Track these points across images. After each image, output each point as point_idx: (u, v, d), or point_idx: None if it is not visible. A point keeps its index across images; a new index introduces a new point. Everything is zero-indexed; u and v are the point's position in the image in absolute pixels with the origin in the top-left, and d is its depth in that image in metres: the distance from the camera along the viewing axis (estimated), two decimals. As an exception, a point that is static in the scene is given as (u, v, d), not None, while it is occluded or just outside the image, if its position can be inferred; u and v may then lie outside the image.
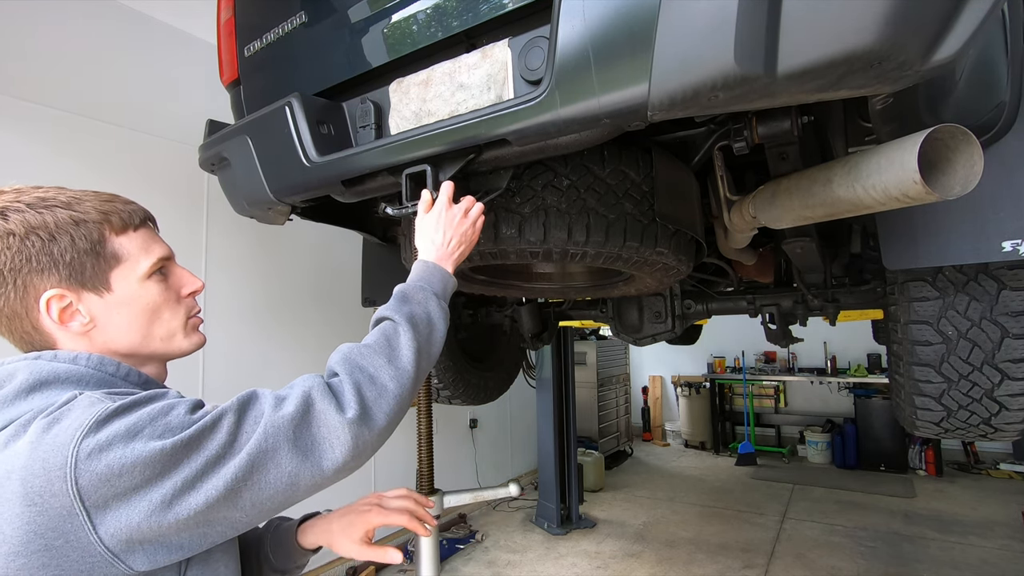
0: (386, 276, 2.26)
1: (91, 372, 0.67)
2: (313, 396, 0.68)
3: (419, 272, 0.95)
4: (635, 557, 4.02)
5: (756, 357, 7.59)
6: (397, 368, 0.77)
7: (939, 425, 1.49)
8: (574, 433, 4.84)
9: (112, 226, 0.73)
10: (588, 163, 1.25)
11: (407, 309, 0.85)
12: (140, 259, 0.74)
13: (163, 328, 0.76)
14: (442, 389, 2.53)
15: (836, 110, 1.21)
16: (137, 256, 0.74)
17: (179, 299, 0.79)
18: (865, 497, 5.24)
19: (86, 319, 0.70)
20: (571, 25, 0.82)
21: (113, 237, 0.73)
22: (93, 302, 0.71)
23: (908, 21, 0.63)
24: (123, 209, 0.75)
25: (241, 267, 3.27)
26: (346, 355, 0.77)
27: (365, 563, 3.86)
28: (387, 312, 0.85)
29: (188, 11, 2.95)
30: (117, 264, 0.72)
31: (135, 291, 0.73)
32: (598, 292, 2.02)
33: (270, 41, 1.42)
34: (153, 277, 0.76)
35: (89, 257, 0.70)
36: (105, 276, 0.71)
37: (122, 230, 0.74)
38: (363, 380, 0.73)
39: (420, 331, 0.83)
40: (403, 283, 0.92)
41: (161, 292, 0.76)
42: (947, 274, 1.35)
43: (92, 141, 2.66)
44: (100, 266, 0.71)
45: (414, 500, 0.99)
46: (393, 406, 0.74)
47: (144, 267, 0.74)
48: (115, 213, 0.73)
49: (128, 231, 0.74)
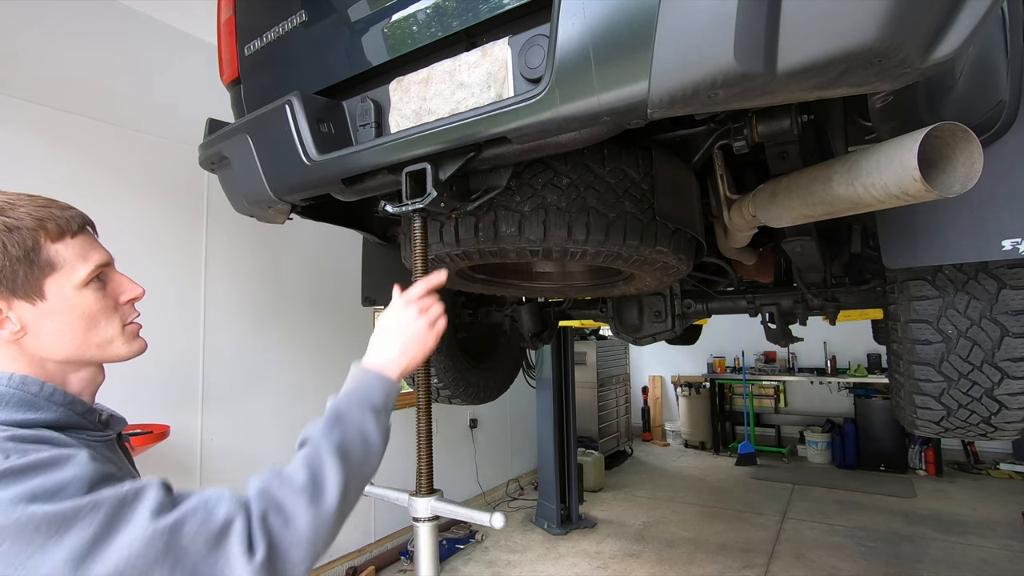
0: (386, 276, 2.26)
1: (12, 392, 0.67)
2: (224, 521, 0.62)
3: (358, 383, 0.86)
4: (635, 557, 4.02)
5: (756, 357, 7.59)
6: (318, 511, 0.69)
7: (939, 424, 1.49)
8: (574, 433, 4.84)
9: (48, 233, 0.70)
10: (588, 161, 1.25)
11: (337, 435, 0.77)
12: (77, 267, 0.72)
13: (99, 336, 0.75)
14: (442, 389, 2.54)
15: (836, 109, 1.22)
16: (73, 264, 0.72)
17: (117, 306, 0.78)
18: (865, 497, 5.23)
19: (16, 327, 0.69)
20: (571, 23, 0.82)
21: (48, 244, 0.70)
22: (24, 310, 0.69)
23: (908, 18, 0.63)
24: (60, 215, 0.72)
25: (241, 266, 3.27)
26: (263, 489, 0.69)
27: (365, 563, 3.86)
28: (316, 437, 0.77)
29: (188, 11, 2.95)
30: (52, 272, 0.70)
31: (70, 299, 0.72)
32: (598, 291, 2.02)
33: (270, 40, 1.42)
34: (90, 284, 0.74)
35: (22, 265, 0.68)
36: (39, 284, 0.70)
37: (58, 237, 0.72)
38: (277, 523, 0.66)
39: (351, 461, 0.76)
40: (338, 395, 0.85)
41: (98, 300, 0.75)
42: (947, 273, 1.35)
43: (92, 141, 2.66)
44: (33, 274, 0.69)
45: None
46: (307, 553, 0.67)
47: (81, 275, 0.73)
48: (51, 219, 0.71)
49: (65, 238, 0.72)
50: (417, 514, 1.08)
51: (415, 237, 1.17)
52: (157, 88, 2.96)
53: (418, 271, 1.18)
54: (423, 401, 1.15)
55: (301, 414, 3.54)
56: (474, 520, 1.02)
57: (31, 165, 2.43)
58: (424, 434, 1.13)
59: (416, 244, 1.17)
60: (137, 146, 2.84)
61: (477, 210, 1.27)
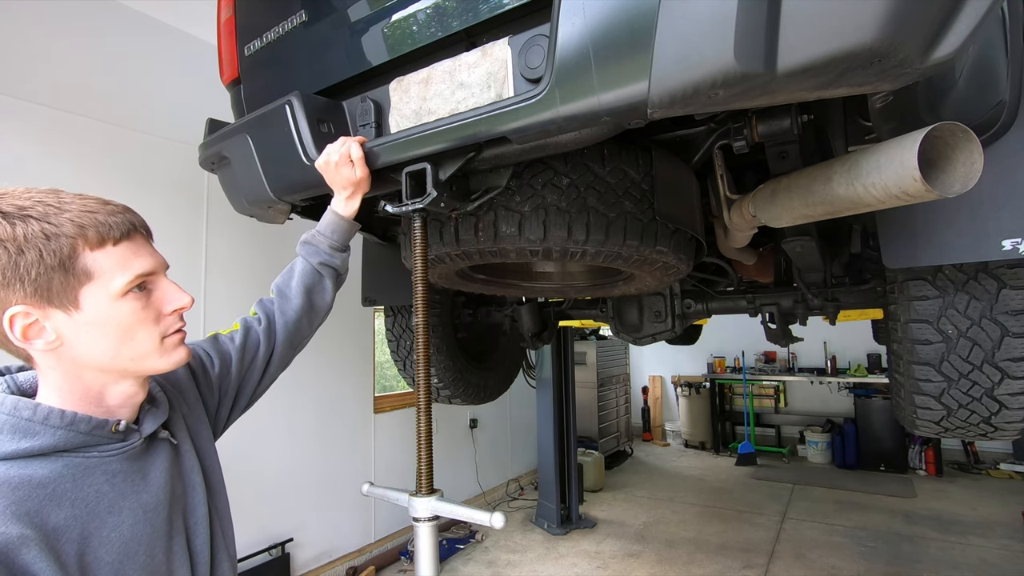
0: (386, 275, 2.26)
1: (5, 418, 0.66)
2: None
3: None
4: (635, 557, 4.02)
5: (756, 357, 7.59)
6: None
7: (939, 424, 1.49)
8: (574, 433, 4.84)
9: (87, 240, 0.68)
10: (588, 161, 1.25)
11: None
12: (115, 276, 0.69)
13: (134, 348, 0.72)
14: (442, 389, 2.54)
15: (836, 109, 1.21)
16: (112, 273, 0.69)
17: (159, 317, 0.75)
18: (865, 497, 5.23)
19: (52, 336, 0.68)
20: (571, 23, 0.82)
21: (87, 252, 0.68)
22: (60, 320, 0.67)
23: (908, 19, 0.63)
24: (104, 221, 0.69)
25: (241, 266, 3.27)
26: None
27: (365, 563, 3.86)
28: None
29: (188, 11, 2.95)
30: (88, 281, 0.68)
31: (106, 310, 0.69)
32: (598, 291, 2.02)
33: (270, 40, 1.42)
34: (130, 294, 0.71)
35: (57, 273, 0.66)
36: (74, 293, 0.67)
37: (98, 244, 0.69)
38: None
39: None
40: None
41: (136, 311, 0.71)
42: (947, 273, 1.35)
43: (91, 141, 2.66)
44: (69, 283, 0.67)
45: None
46: None
47: (118, 285, 0.70)
48: (93, 226, 0.68)
49: (106, 245, 0.69)
50: (417, 514, 1.08)
51: (415, 237, 1.17)
52: (157, 88, 2.96)
53: (418, 271, 1.18)
54: (423, 401, 1.15)
55: (300, 413, 3.55)
56: (474, 520, 1.02)
57: (31, 165, 2.43)
58: (424, 434, 1.13)
59: (416, 244, 1.18)
60: (137, 146, 2.84)
61: (477, 210, 1.27)
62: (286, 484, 3.43)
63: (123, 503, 0.71)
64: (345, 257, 1.19)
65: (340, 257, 1.17)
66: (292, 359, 1.13)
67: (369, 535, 4.02)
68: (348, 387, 3.95)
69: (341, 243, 1.17)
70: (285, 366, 1.11)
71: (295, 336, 1.11)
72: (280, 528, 3.37)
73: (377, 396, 4.23)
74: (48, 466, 0.66)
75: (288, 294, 1.12)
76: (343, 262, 1.19)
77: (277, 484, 3.37)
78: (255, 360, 1.04)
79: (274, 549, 3.28)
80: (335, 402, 3.82)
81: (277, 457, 3.40)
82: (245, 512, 3.06)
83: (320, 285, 1.16)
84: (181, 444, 0.85)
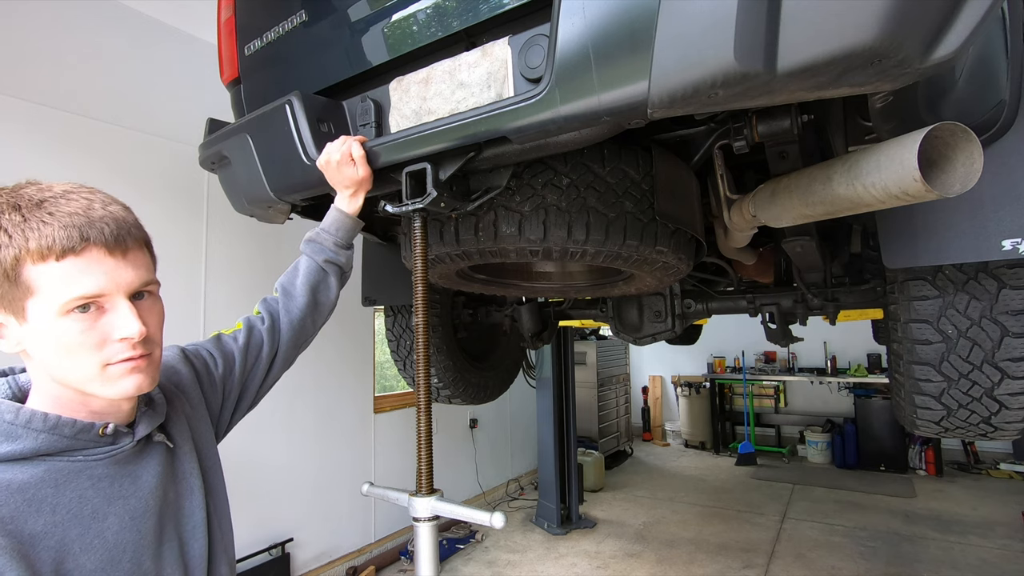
0: (386, 275, 2.26)
1: None
2: None
3: None
4: (635, 557, 4.02)
5: (756, 357, 7.59)
6: None
7: (939, 424, 1.49)
8: (574, 433, 4.84)
9: (29, 253, 0.64)
10: (588, 161, 1.24)
11: None
12: (56, 293, 0.65)
13: (75, 371, 0.68)
14: (442, 389, 2.54)
15: (836, 109, 1.21)
16: (53, 289, 0.65)
17: (103, 343, 0.68)
18: (865, 497, 5.23)
19: (13, 341, 0.69)
20: (571, 23, 0.82)
21: (29, 264, 0.64)
22: (14, 327, 0.68)
23: (908, 18, 0.63)
24: (49, 234, 0.64)
25: (241, 266, 3.27)
26: None
27: (365, 563, 3.86)
28: None
29: (188, 11, 2.95)
30: (31, 294, 0.65)
31: (48, 326, 0.66)
32: (598, 291, 2.02)
33: (270, 40, 1.42)
34: (73, 314, 0.66)
35: (5, 282, 0.65)
36: (20, 304, 0.66)
37: (40, 258, 0.64)
38: None
39: None
40: None
41: (76, 333, 0.66)
42: (947, 273, 1.35)
43: (92, 141, 2.66)
44: (16, 293, 0.65)
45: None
46: None
47: (58, 303, 0.65)
48: (37, 240, 0.64)
49: (48, 259, 0.64)
50: (417, 514, 1.08)
51: (415, 237, 1.17)
52: (157, 88, 2.96)
53: (418, 271, 1.18)
54: (423, 401, 1.15)
55: (300, 413, 3.55)
56: (474, 520, 1.02)
57: (30, 165, 2.43)
58: (424, 434, 1.13)
59: (416, 244, 1.18)
60: (137, 146, 2.84)
61: (477, 210, 1.27)
62: (286, 484, 3.43)
63: (108, 508, 0.70)
64: (350, 255, 1.20)
65: (345, 255, 1.18)
66: (295, 358, 1.13)
67: (369, 535, 4.02)
68: (348, 387, 3.95)
69: (346, 240, 1.18)
70: (289, 365, 1.11)
71: (299, 334, 1.12)
72: (280, 528, 3.37)
73: (377, 396, 4.23)
74: (29, 471, 0.65)
75: (293, 292, 1.12)
76: (348, 259, 1.19)
77: (277, 484, 3.38)
78: (259, 359, 1.04)
79: (274, 549, 3.28)
80: (335, 402, 3.82)
81: (277, 457, 3.40)
82: (245, 512, 3.06)
83: (325, 283, 1.16)
84: (180, 446, 0.83)
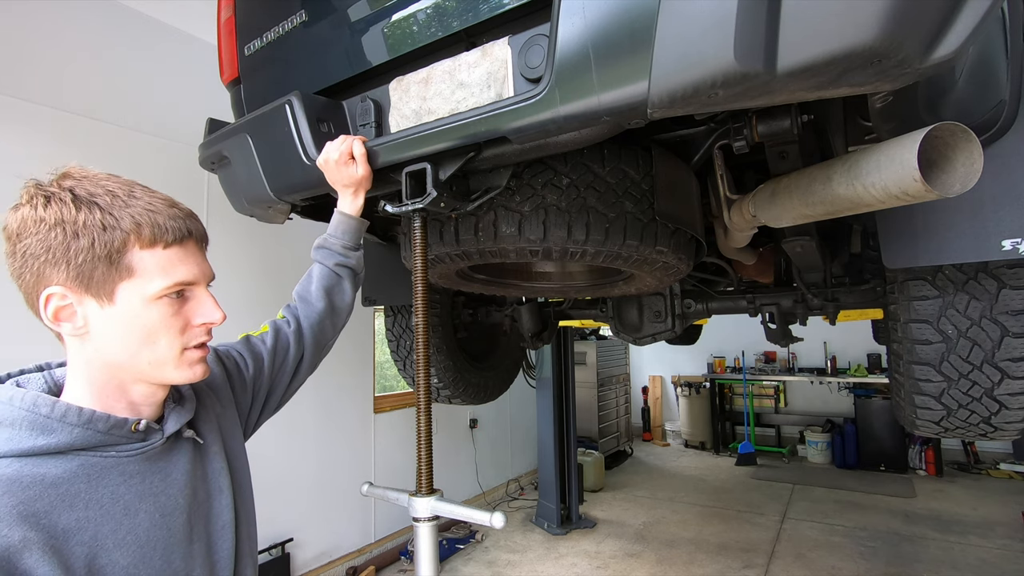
0: (386, 275, 2.26)
1: (23, 414, 0.65)
2: None
3: None
4: (635, 557, 4.02)
5: (756, 357, 7.59)
6: None
7: (939, 424, 1.49)
8: (574, 433, 4.84)
9: (140, 238, 0.69)
10: (588, 161, 1.25)
11: None
12: (154, 278, 0.70)
13: (153, 354, 0.72)
14: (442, 389, 2.54)
15: (836, 109, 1.21)
16: (152, 274, 0.70)
17: (186, 327, 0.74)
18: (865, 497, 5.23)
19: (80, 323, 0.69)
20: (571, 23, 0.82)
21: (136, 250, 0.69)
22: (92, 309, 0.69)
23: (908, 18, 0.63)
24: (161, 223, 0.71)
25: (241, 266, 3.26)
26: None
27: (365, 563, 3.86)
28: None
29: (188, 11, 2.95)
30: (129, 277, 0.69)
31: (136, 309, 0.70)
32: (598, 291, 2.02)
33: (270, 40, 1.42)
34: (164, 299, 0.71)
35: (102, 263, 0.67)
36: (112, 286, 0.69)
37: (149, 244, 0.70)
38: None
39: None
40: None
41: (165, 317, 0.72)
42: (947, 273, 1.35)
43: (92, 141, 2.66)
44: (111, 275, 0.68)
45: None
46: None
47: (155, 287, 0.70)
48: (149, 226, 0.70)
49: (156, 247, 0.71)
50: (417, 514, 1.08)
51: (415, 237, 1.17)
52: (157, 88, 2.96)
53: (418, 271, 1.18)
54: (423, 401, 1.15)
55: (300, 413, 3.54)
56: (474, 520, 1.02)
57: (30, 165, 2.42)
58: (424, 434, 1.13)
59: (416, 244, 1.18)
60: (137, 146, 2.84)
61: (477, 210, 1.27)
62: (286, 484, 3.43)
63: (140, 505, 0.71)
64: (359, 256, 1.20)
65: (355, 256, 1.19)
66: (319, 362, 1.16)
67: (369, 535, 4.02)
68: (348, 387, 3.95)
69: (354, 242, 1.19)
70: (314, 368, 1.14)
71: (321, 338, 1.14)
72: (280, 528, 3.37)
73: (377, 396, 4.23)
74: (63, 465, 0.66)
75: (309, 299, 1.14)
76: (358, 261, 1.20)
77: (277, 484, 3.37)
78: (286, 362, 1.07)
79: (274, 549, 3.28)
80: (335, 402, 3.82)
81: (277, 457, 3.40)
82: (245, 512, 3.06)
83: (339, 286, 1.17)
84: (210, 445, 0.84)
